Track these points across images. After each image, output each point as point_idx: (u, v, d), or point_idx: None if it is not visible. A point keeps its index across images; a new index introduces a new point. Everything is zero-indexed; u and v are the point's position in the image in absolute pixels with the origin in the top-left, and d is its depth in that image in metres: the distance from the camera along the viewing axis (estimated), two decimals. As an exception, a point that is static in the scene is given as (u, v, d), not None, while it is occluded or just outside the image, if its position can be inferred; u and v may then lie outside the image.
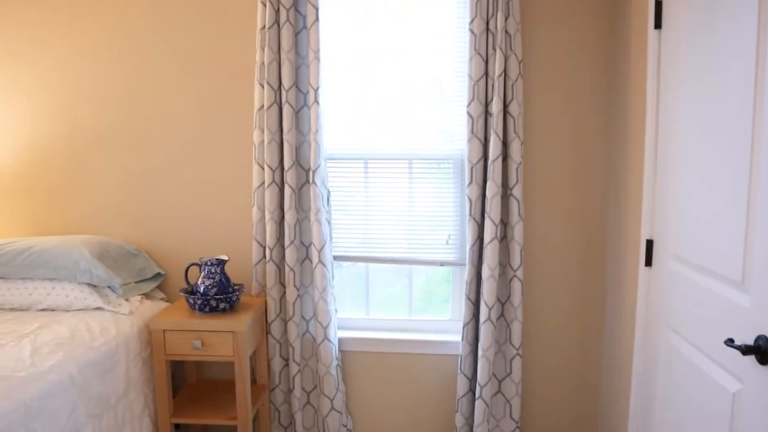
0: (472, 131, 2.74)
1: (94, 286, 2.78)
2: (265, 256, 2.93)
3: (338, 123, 2.99)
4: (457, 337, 3.02)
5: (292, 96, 2.79)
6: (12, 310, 2.75)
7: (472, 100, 2.72)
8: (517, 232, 2.78)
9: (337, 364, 2.96)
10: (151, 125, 3.06)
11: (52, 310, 2.74)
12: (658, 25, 2.24)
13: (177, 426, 2.99)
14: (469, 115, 2.73)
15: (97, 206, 3.15)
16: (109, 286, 2.80)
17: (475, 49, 2.69)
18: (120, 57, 3.04)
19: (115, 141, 3.09)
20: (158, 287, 3.16)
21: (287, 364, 2.99)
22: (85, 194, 3.14)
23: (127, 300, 2.81)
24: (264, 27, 2.77)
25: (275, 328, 2.94)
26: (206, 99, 3.01)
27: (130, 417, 2.57)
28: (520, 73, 2.70)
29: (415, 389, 3.09)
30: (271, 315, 2.92)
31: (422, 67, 2.94)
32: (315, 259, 2.86)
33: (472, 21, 2.67)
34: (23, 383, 2.01)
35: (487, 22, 2.69)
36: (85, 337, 2.44)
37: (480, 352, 2.81)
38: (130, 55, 3.03)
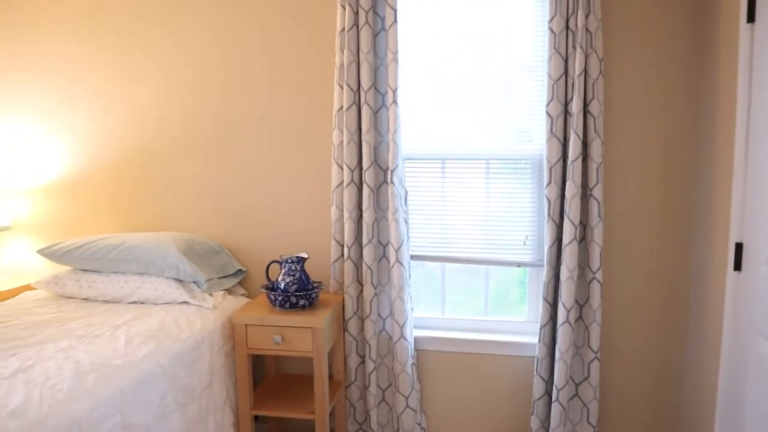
0: (551, 131, 2.71)
1: (181, 280, 2.90)
2: (343, 255, 2.99)
3: (416, 123, 3.02)
4: (533, 339, 2.99)
5: (370, 97, 2.83)
6: (105, 302, 2.90)
7: (552, 99, 2.69)
8: (597, 233, 2.72)
9: (413, 363, 2.98)
10: (234, 126, 3.17)
11: (142, 303, 2.87)
12: (751, 18, 2.16)
13: (256, 417, 3.08)
14: (548, 114, 2.70)
15: (183, 204, 3.28)
16: (194, 281, 2.91)
17: (554, 48, 2.66)
18: (203, 62, 3.16)
19: (200, 143, 3.22)
20: (239, 283, 3.26)
21: (363, 361, 3.04)
22: (172, 193, 3.28)
23: (210, 295, 2.92)
24: (344, 29, 2.82)
25: (352, 326, 2.99)
26: (287, 100, 3.10)
27: (213, 407, 2.67)
28: (601, 72, 2.66)
29: (490, 390, 3.08)
30: (349, 312, 2.97)
31: (500, 67, 2.92)
32: (392, 258, 2.89)
33: (551, 19, 2.65)
34: (119, 371, 2.12)
35: (567, 20, 2.65)
36: (173, 329, 2.55)
37: (557, 355, 2.78)
38: (213, 60, 3.15)
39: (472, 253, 3.03)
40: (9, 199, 3.49)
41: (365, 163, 2.85)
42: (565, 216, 2.72)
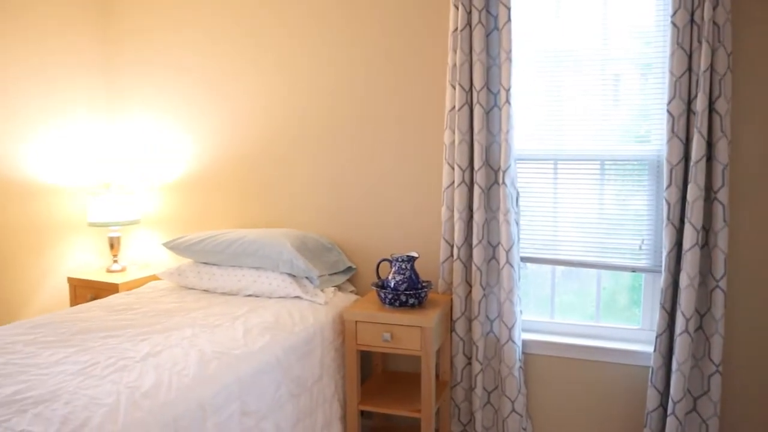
0: (673, 131, 2.59)
1: (294, 276, 3.00)
2: (452, 255, 2.99)
3: (528, 123, 2.97)
4: (648, 348, 2.87)
5: (483, 97, 2.81)
6: (223, 294, 3.04)
7: (673, 97, 2.57)
8: (721, 239, 2.58)
9: (520, 366, 2.94)
10: (346, 126, 3.25)
11: (257, 296, 2.99)
12: None
13: (362, 412, 3.13)
14: (669, 113, 2.59)
15: (296, 202, 3.39)
16: (307, 277, 3.00)
17: (677, 43, 2.54)
18: (317, 63, 3.25)
19: (312, 142, 3.32)
20: (348, 280, 3.33)
21: (470, 363, 3.02)
22: (286, 191, 3.41)
23: (322, 291, 3.00)
24: (456, 29, 2.82)
25: (460, 326, 2.98)
26: (399, 100, 3.13)
27: (323, 400, 2.74)
28: (729, 67, 2.51)
29: (600, 398, 2.98)
30: (456, 313, 2.97)
31: (615, 64, 2.82)
32: (502, 260, 2.86)
33: (674, 13, 2.53)
34: (238, 360, 2.23)
35: (692, 14, 2.53)
36: (287, 322, 2.65)
37: (674, 366, 2.65)
38: (327, 61, 3.24)
39: (584, 257, 2.95)
40: (140, 194, 3.74)
41: (476, 164, 2.84)
42: (686, 220, 2.59)
